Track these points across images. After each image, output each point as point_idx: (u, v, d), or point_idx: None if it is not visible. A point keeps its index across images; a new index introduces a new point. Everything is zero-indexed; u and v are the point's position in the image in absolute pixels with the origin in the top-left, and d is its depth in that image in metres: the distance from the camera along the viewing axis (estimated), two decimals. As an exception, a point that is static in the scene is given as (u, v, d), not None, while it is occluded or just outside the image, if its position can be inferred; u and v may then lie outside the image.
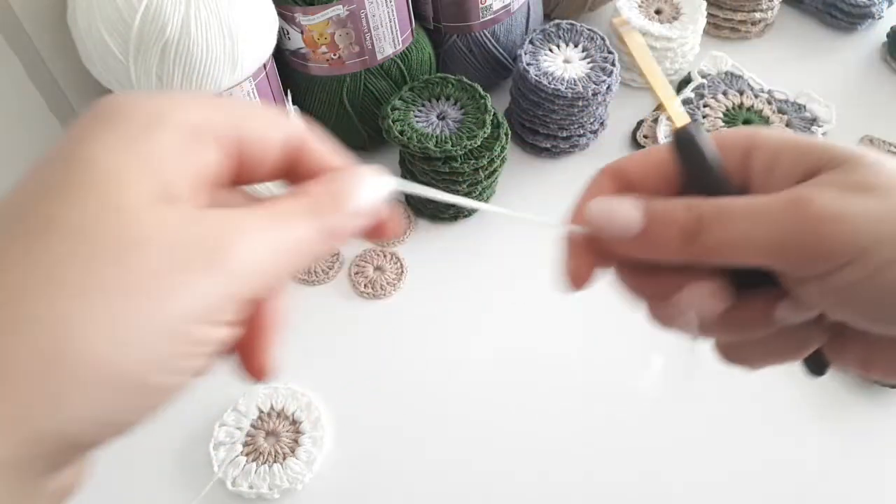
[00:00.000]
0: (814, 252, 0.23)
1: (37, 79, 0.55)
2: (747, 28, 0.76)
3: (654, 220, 0.24)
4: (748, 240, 0.23)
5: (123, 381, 0.18)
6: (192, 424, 0.52)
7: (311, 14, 0.55)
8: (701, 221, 0.24)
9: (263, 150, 0.25)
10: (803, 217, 0.23)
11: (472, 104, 0.59)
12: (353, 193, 0.24)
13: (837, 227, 0.22)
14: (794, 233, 0.23)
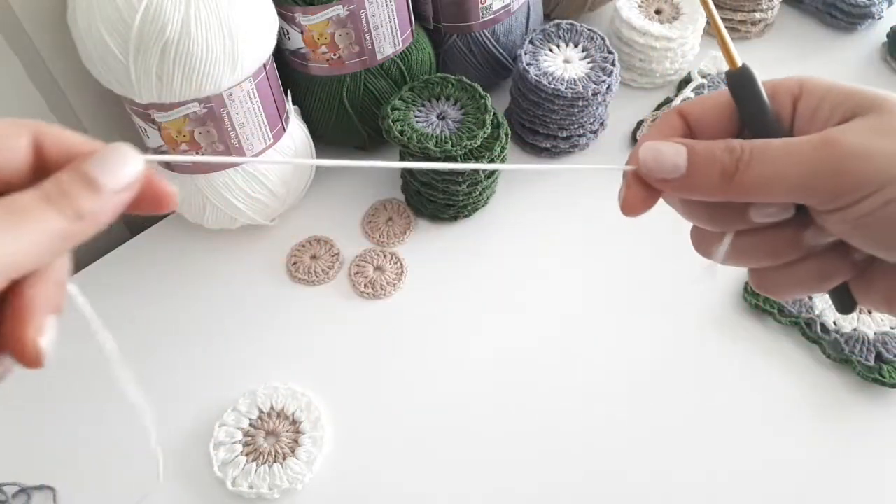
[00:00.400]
0: (839, 187, 0.25)
1: (37, 79, 0.55)
2: (747, 28, 0.76)
3: (696, 162, 0.27)
4: (782, 177, 0.25)
5: None
6: (192, 424, 0.52)
7: (311, 14, 0.55)
8: (739, 161, 0.26)
9: (9, 149, 0.24)
10: (831, 154, 0.25)
11: (472, 104, 0.59)
12: (98, 171, 0.24)
13: (860, 164, 0.25)
14: (823, 170, 0.25)
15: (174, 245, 0.63)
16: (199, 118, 0.51)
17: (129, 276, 0.61)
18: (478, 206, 0.62)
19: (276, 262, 0.61)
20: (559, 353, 0.55)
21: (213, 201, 0.57)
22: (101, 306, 0.64)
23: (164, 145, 0.54)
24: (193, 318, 0.58)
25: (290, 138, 0.58)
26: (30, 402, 0.54)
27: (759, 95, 0.28)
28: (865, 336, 0.53)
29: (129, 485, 0.50)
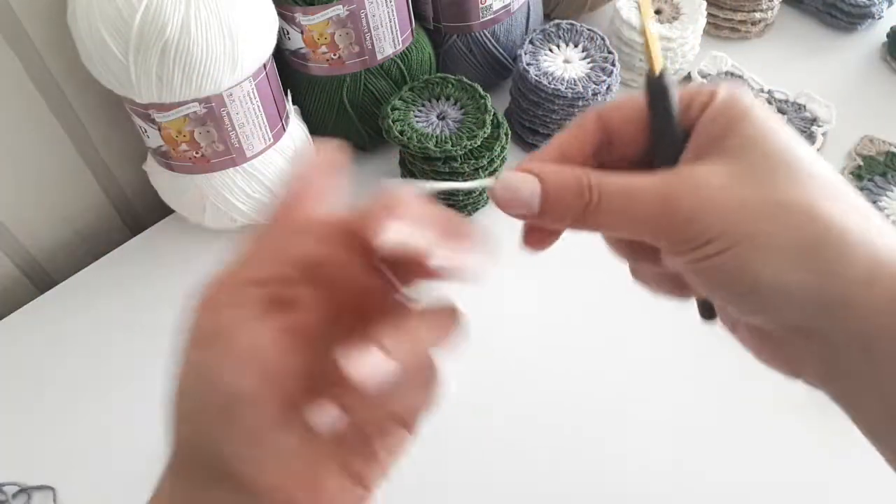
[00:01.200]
0: (675, 234, 0.26)
1: (37, 79, 0.55)
2: (747, 28, 0.76)
3: (547, 201, 0.28)
4: (625, 222, 0.27)
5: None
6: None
7: (311, 14, 0.55)
8: (588, 205, 0.27)
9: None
10: (672, 206, 0.26)
11: (472, 104, 0.59)
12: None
13: (697, 215, 0.25)
14: (661, 216, 0.26)
15: (174, 245, 0.63)
16: (199, 118, 0.51)
17: (129, 276, 0.61)
18: (477, 206, 0.62)
19: (276, 262, 0.61)
20: (559, 353, 0.55)
21: (213, 201, 0.57)
22: (102, 306, 0.64)
23: (164, 145, 0.54)
24: (193, 318, 0.58)
25: (290, 138, 0.58)
26: (30, 402, 0.54)
27: (669, 106, 0.28)
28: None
29: (130, 485, 0.50)
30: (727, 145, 0.26)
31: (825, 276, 0.24)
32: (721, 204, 0.25)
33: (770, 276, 0.25)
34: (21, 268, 0.63)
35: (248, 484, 0.25)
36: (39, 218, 0.62)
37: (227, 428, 0.24)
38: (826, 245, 0.24)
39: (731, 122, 0.26)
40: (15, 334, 0.58)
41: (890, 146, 0.66)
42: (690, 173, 0.26)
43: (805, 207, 0.25)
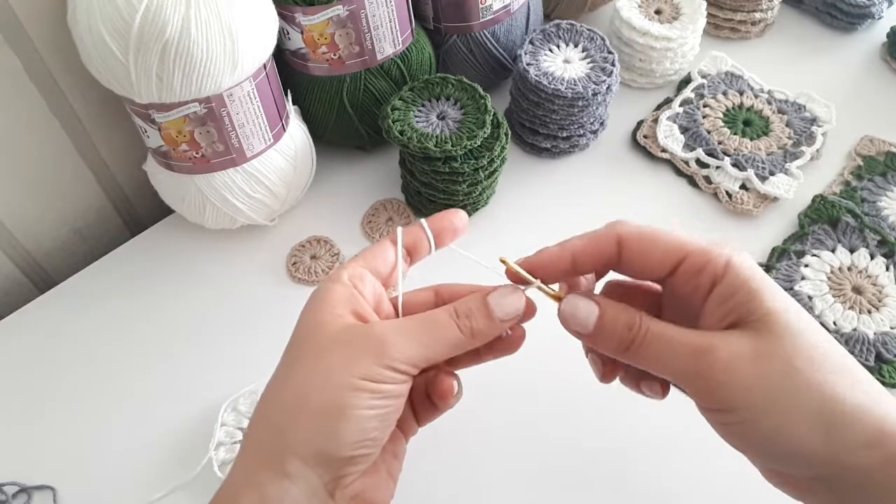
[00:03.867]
0: (706, 392, 0.31)
1: (37, 79, 0.55)
2: (747, 28, 0.76)
3: (601, 326, 0.33)
4: (666, 366, 0.32)
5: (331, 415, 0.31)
6: (192, 424, 0.52)
7: (311, 14, 0.55)
8: (635, 339, 0.32)
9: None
10: (705, 364, 0.31)
11: (472, 104, 0.59)
12: (494, 303, 0.35)
13: (723, 384, 0.30)
14: (696, 373, 0.31)
15: (174, 245, 0.63)
16: (199, 118, 0.51)
17: (129, 276, 0.61)
18: (478, 206, 0.62)
19: (276, 262, 0.61)
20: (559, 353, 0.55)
21: (213, 201, 0.57)
22: (102, 306, 0.64)
23: (164, 145, 0.54)
24: (193, 317, 0.58)
25: (290, 138, 0.58)
26: (30, 402, 0.54)
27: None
28: (865, 336, 0.53)
29: (130, 485, 0.50)
30: (750, 321, 0.31)
31: (833, 444, 0.29)
32: (746, 378, 0.30)
33: (786, 444, 0.30)
34: (21, 268, 0.63)
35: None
36: (39, 218, 0.62)
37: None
38: (835, 419, 0.29)
39: (749, 297, 0.31)
40: (15, 334, 0.58)
41: (890, 146, 0.66)
42: (722, 342, 0.31)
43: (816, 385, 0.30)
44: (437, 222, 0.38)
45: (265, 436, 0.32)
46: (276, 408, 0.32)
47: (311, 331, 0.33)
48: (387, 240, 0.37)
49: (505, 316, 0.35)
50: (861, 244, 0.58)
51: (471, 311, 0.34)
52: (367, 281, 0.35)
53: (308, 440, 0.31)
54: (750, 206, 0.62)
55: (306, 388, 0.32)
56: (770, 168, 0.63)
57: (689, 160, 0.65)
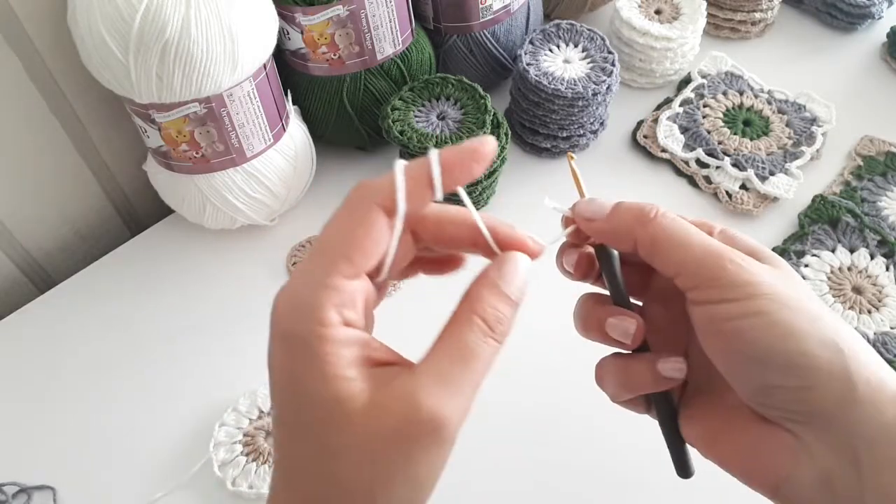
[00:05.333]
0: (715, 279, 0.29)
1: (37, 79, 0.55)
2: (747, 28, 0.76)
3: (617, 209, 0.32)
4: (681, 245, 0.30)
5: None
6: (192, 424, 0.52)
7: (311, 14, 0.55)
8: (654, 218, 0.31)
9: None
10: (721, 252, 0.29)
11: (472, 104, 0.59)
12: (514, 292, 0.29)
13: (739, 270, 0.29)
14: (714, 256, 0.29)
15: (174, 245, 0.63)
16: (199, 118, 0.51)
17: (129, 276, 0.61)
18: (478, 206, 0.62)
19: (276, 262, 0.61)
20: (559, 353, 0.55)
21: (213, 201, 0.57)
22: (102, 306, 0.64)
23: (164, 145, 0.54)
24: (193, 317, 0.58)
25: (290, 138, 0.59)
26: (30, 402, 0.54)
27: (613, 269, 0.34)
28: (865, 336, 0.53)
29: (129, 484, 0.50)
30: (774, 261, 0.30)
31: (848, 369, 0.27)
32: (761, 270, 0.29)
33: (803, 347, 0.27)
34: (21, 268, 0.63)
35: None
36: (39, 218, 0.62)
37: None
38: (849, 349, 0.27)
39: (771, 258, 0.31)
40: (15, 334, 0.58)
41: (890, 146, 0.66)
42: (723, 245, 0.30)
43: (832, 325, 0.28)
44: (451, 157, 0.27)
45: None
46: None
47: (336, 415, 0.24)
48: (372, 205, 0.26)
49: (523, 297, 0.29)
50: (861, 244, 0.58)
51: (500, 315, 0.28)
52: (358, 299, 0.26)
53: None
54: (750, 206, 0.62)
55: (367, 494, 0.25)
56: (770, 168, 0.63)
57: (689, 160, 0.65)
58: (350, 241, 0.26)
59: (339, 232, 0.27)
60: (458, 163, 0.27)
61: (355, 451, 0.24)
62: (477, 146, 0.27)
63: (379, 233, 0.26)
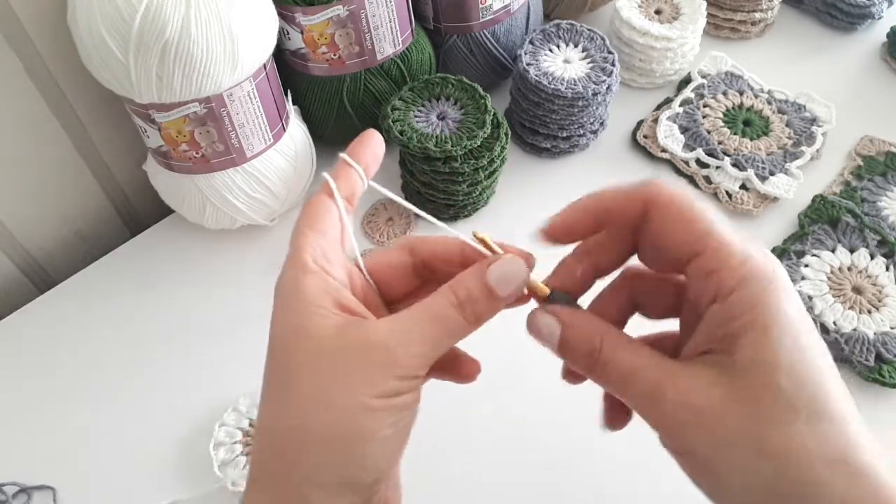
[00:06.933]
0: (656, 428, 0.28)
1: (37, 79, 0.55)
2: (747, 28, 0.76)
3: (564, 347, 0.31)
4: (624, 396, 0.29)
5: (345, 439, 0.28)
6: (192, 424, 0.52)
7: (311, 14, 0.55)
8: (596, 363, 0.30)
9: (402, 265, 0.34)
10: (657, 412, 0.28)
11: (472, 104, 0.59)
12: (498, 285, 0.31)
13: (676, 438, 0.28)
14: (647, 414, 0.28)
15: (174, 245, 0.63)
16: (199, 118, 0.51)
17: (129, 276, 0.61)
18: (477, 206, 0.62)
19: (276, 262, 0.60)
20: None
21: (213, 201, 0.57)
22: (102, 306, 0.64)
23: (164, 145, 0.54)
24: (193, 317, 0.58)
25: (290, 138, 0.58)
26: (30, 402, 0.54)
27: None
28: (865, 336, 0.53)
29: (129, 484, 0.50)
30: (734, 360, 0.26)
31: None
32: (706, 429, 0.26)
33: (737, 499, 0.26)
34: (21, 268, 0.63)
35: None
36: (39, 218, 0.62)
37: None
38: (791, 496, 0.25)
39: (748, 327, 0.26)
40: (15, 334, 0.58)
41: (890, 146, 0.66)
42: (686, 384, 0.27)
43: (783, 455, 0.25)
44: (360, 154, 0.33)
45: (278, 469, 0.29)
46: (284, 438, 0.28)
47: (296, 340, 0.29)
48: (322, 194, 0.32)
49: (508, 294, 0.31)
50: (861, 244, 0.58)
51: (472, 295, 0.30)
52: (333, 258, 0.31)
53: (330, 471, 0.28)
54: (750, 206, 0.62)
55: (314, 413, 0.27)
56: (770, 168, 0.63)
57: (689, 160, 0.65)
58: (306, 216, 0.32)
59: (300, 218, 0.32)
60: (360, 149, 0.33)
61: (309, 368, 0.28)
62: (363, 137, 0.33)
63: (325, 205, 0.32)
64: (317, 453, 0.28)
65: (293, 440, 0.28)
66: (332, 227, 0.31)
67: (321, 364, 0.28)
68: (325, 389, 0.28)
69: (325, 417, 0.27)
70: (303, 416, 0.28)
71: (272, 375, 0.29)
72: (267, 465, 0.29)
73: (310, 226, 0.31)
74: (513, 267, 0.32)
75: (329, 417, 0.27)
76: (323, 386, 0.28)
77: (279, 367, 0.29)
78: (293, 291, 0.30)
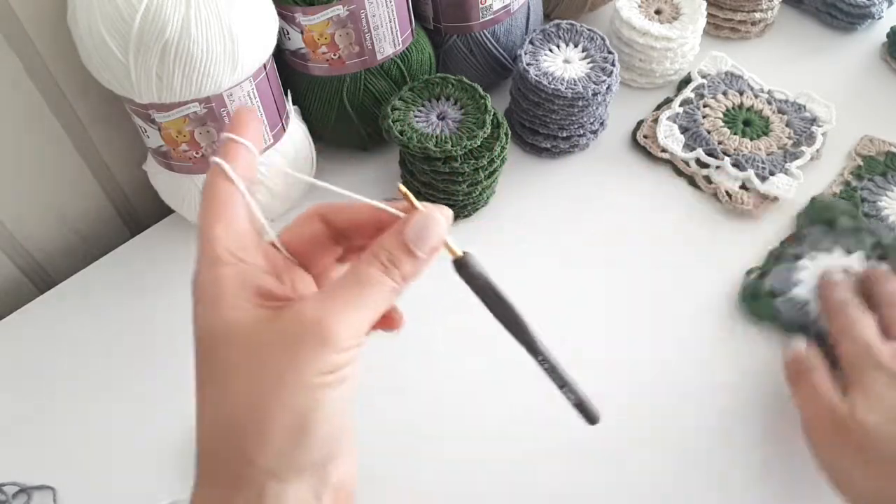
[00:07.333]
0: None
1: (37, 79, 0.55)
2: (747, 28, 0.76)
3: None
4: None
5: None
6: (192, 424, 0.52)
7: (311, 14, 0.55)
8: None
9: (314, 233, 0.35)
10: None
11: (472, 104, 0.59)
12: (415, 243, 0.30)
13: None
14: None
15: (174, 245, 0.63)
16: (200, 118, 0.51)
17: (129, 276, 0.61)
18: (478, 206, 0.62)
19: (276, 262, 0.61)
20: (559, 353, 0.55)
21: (213, 201, 0.57)
22: (102, 306, 0.64)
23: (165, 145, 0.54)
24: (193, 318, 0.58)
25: (289, 138, 0.59)
26: (30, 402, 0.54)
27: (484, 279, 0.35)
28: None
29: (129, 484, 0.50)
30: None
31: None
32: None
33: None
34: (21, 268, 0.63)
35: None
36: (39, 218, 0.62)
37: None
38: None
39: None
40: (15, 334, 0.58)
41: (890, 146, 0.66)
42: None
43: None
44: (241, 128, 0.32)
45: (229, 463, 0.29)
46: (230, 431, 0.29)
47: (228, 336, 0.29)
48: (217, 179, 0.30)
49: (429, 252, 0.31)
50: (858, 246, 0.58)
51: (394, 257, 0.30)
52: (247, 244, 0.30)
53: (282, 458, 0.28)
54: (750, 206, 0.62)
55: (259, 402, 0.28)
56: (770, 168, 0.63)
57: (689, 160, 0.65)
58: (209, 206, 0.30)
59: (202, 209, 0.31)
60: (240, 125, 0.32)
61: (244, 364, 0.28)
62: (238, 113, 0.32)
63: (226, 191, 0.30)
64: (272, 443, 0.28)
65: (245, 432, 0.28)
66: (238, 211, 0.30)
67: (259, 354, 0.28)
68: (270, 377, 0.27)
69: (277, 404, 0.27)
70: (253, 407, 0.28)
71: (206, 371, 0.30)
72: (216, 463, 0.30)
73: (216, 216, 0.30)
74: (429, 223, 0.31)
75: (280, 403, 0.27)
76: (268, 374, 0.28)
77: (211, 364, 0.30)
78: (212, 288, 0.30)
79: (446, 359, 0.55)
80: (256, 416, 0.28)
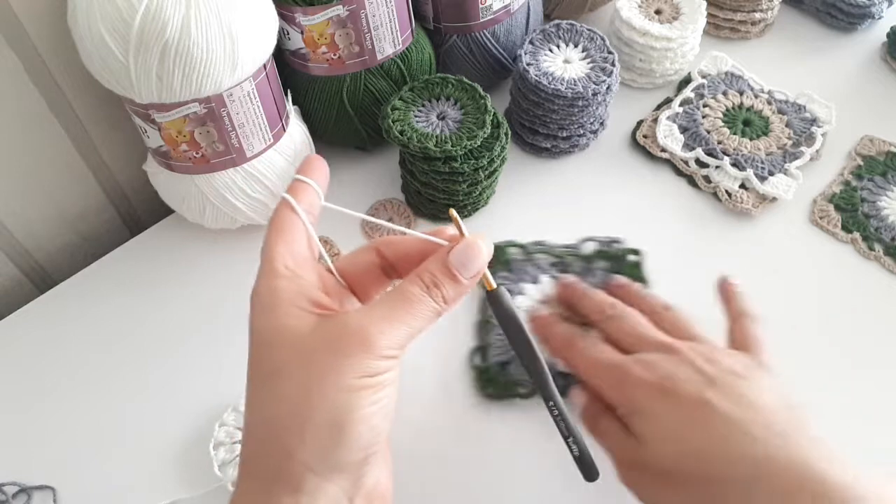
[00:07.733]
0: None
1: (37, 79, 0.55)
2: (747, 28, 0.76)
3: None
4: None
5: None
6: (193, 424, 0.52)
7: (311, 14, 0.55)
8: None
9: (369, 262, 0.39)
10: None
11: (472, 104, 0.59)
12: (458, 267, 0.34)
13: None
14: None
15: (174, 245, 0.63)
16: (199, 118, 0.51)
17: (129, 276, 0.61)
18: (478, 206, 0.62)
19: (276, 262, 0.61)
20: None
21: (213, 201, 0.57)
22: (102, 306, 0.64)
23: (164, 145, 0.54)
24: (193, 317, 0.58)
25: (290, 138, 0.59)
26: (30, 402, 0.54)
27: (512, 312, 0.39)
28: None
29: (129, 484, 0.50)
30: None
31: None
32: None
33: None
34: (21, 268, 0.63)
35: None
36: (39, 218, 0.62)
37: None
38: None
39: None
40: (15, 334, 0.58)
41: (890, 146, 0.66)
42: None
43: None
44: (310, 172, 0.37)
45: (270, 457, 0.31)
46: (274, 427, 0.31)
47: (279, 339, 0.31)
48: (284, 209, 0.35)
49: (470, 277, 0.34)
50: (539, 272, 0.56)
51: (437, 280, 0.33)
52: (303, 263, 0.34)
53: (320, 454, 0.30)
54: (749, 205, 0.62)
55: (302, 400, 0.30)
56: (769, 168, 0.63)
57: (688, 160, 0.65)
58: (273, 230, 0.35)
59: (268, 233, 0.35)
60: (309, 169, 0.37)
61: (291, 365, 0.31)
62: (309, 159, 0.37)
63: (289, 218, 0.35)
64: (312, 439, 0.30)
65: (289, 429, 0.30)
66: (299, 237, 0.34)
67: (308, 356, 0.30)
68: (316, 377, 0.30)
69: (319, 403, 0.30)
70: (298, 405, 0.30)
71: (259, 373, 0.32)
72: (260, 456, 0.31)
73: (278, 236, 0.34)
74: (471, 251, 0.34)
75: (322, 402, 0.30)
76: (314, 375, 0.30)
77: (265, 366, 0.32)
78: (269, 295, 0.32)
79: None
80: (298, 412, 0.30)
